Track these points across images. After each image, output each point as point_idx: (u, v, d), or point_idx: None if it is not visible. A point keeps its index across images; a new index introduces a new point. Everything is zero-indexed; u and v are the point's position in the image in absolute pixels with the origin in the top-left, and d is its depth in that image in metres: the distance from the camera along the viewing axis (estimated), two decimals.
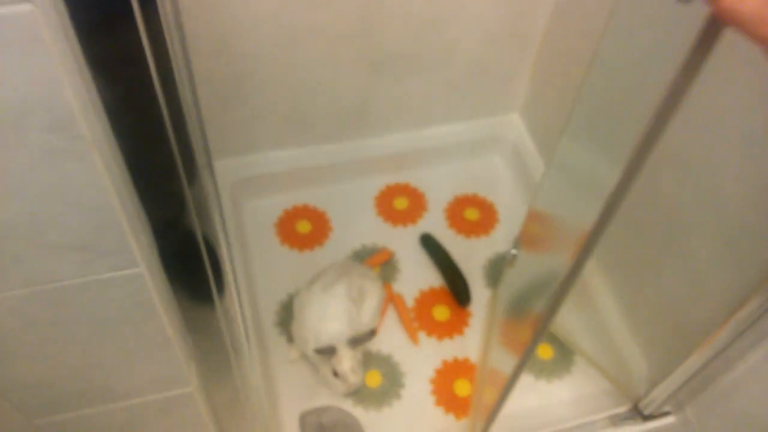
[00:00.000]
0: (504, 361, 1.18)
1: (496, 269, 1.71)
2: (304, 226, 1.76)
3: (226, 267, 0.77)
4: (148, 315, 0.76)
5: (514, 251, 1.27)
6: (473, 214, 1.82)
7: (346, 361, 1.35)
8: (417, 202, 1.83)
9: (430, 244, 1.72)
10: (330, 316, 1.41)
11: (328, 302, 1.42)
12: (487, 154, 1.93)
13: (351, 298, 1.44)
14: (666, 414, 1.37)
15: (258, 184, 1.76)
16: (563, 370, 1.56)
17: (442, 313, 1.63)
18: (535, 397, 1.52)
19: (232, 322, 0.84)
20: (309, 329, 1.41)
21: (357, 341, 1.40)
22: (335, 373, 1.36)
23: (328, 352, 1.36)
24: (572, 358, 1.58)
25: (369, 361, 1.54)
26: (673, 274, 1.29)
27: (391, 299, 1.63)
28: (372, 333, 1.44)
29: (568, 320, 1.60)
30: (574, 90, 1.68)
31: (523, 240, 1.22)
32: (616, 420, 1.39)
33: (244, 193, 1.75)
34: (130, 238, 0.64)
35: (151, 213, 0.61)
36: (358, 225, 1.77)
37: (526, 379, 1.54)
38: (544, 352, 1.58)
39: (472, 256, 1.73)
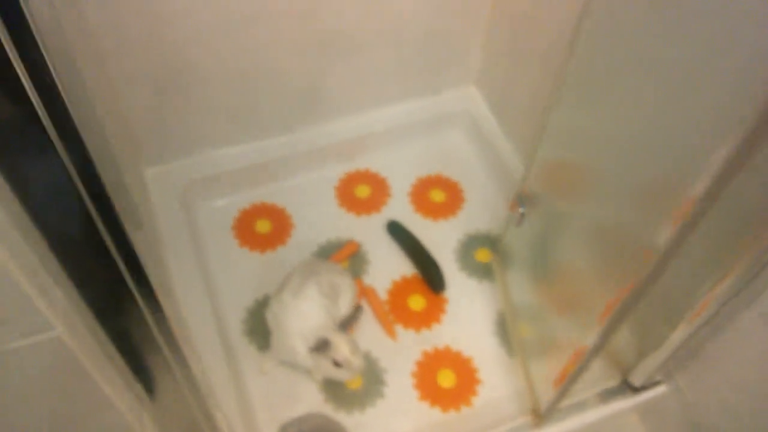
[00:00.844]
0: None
1: (468, 251, 1.65)
2: (263, 226, 1.66)
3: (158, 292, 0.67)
4: (77, 378, 0.65)
5: (521, 209, 1.28)
6: (439, 195, 1.75)
7: (344, 345, 1.29)
8: (379, 189, 1.75)
9: (397, 231, 1.65)
10: (309, 316, 1.33)
11: (301, 306, 1.33)
12: (447, 130, 1.86)
13: (324, 294, 1.36)
14: (657, 384, 1.34)
15: (210, 185, 1.65)
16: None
17: (417, 302, 1.56)
18: (519, 375, 1.47)
19: (178, 349, 0.75)
20: (293, 336, 1.32)
21: (346, 323, 1.36)
22: (336, 363, 1.30)
23: (322, 346, 1.29)
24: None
25: None
26: None
27: (364, 294, 1.55)
28: (358, 309, 1.40)
29: None
30: (529, 55, 1.62)
31: (530, 194, 1.26)
32: (607, 395, 1.35)
33: (197, 196, 1.64)
34: (37, 298, 0.53)
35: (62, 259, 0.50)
36: (320, 219, 1.68)
37: (510, 362, 1.49)
38: (526, 328, 1.53)
39: (442, 239, 1.66)
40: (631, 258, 0.90)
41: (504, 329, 1.52)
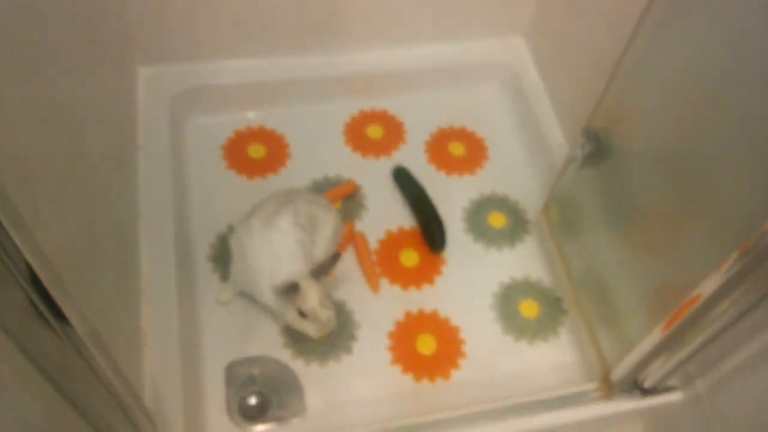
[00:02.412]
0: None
1: (480, 213, 1.45)
2: (257, 150, 1.50)
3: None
4: None
5: (586, 147, 1.12)
6: (458, 148, 1.55)
7: (313, 294, 1.10)
8: (394, 132, 1.57)
9: (403, 177, 1.46)
10: (279, 251, 1.16)
11: (272, 238, 1.16)
12: (481, 82, 1.65)
13: (299, 226, 1.19)
14: (671, 389, 1.11)
15: (206, 98, 1.50)
16: (549, 331, 1.30)
17: (410, 258, 1.37)
18: (514, 360, 1.26)
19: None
20: (257, 271, 1.16)
21: (321, 270, 1.16)
22: (302, 314, 1.12)
23: (289, 290, 1.11)
24: (561, 318, 1.32)
25: None
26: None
27: (351, 238, 1.37)
28: (336, 256, 1.21)
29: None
30: (592, 10, 1.41)
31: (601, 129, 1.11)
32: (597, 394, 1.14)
33: (190, 106, 1.49)
34: None
35: None
36: (321, 153, 1.51)
37: (503, 339, 1.29)
38: (529, 308, 1.33)
39: (452, 195, 1.47)
40: None
41: (504, 304, 1.32)
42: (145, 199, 1.27)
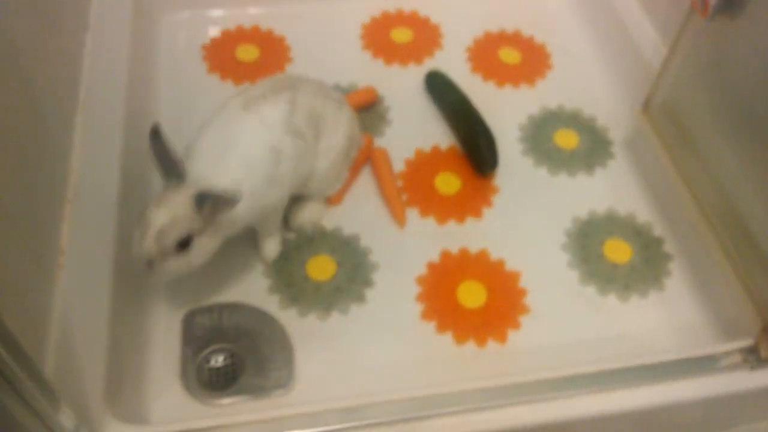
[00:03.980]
0: None
1: (543, 130, 1.07)
2: (247, 52, 1.15)
3: None
4: None
5: None
6: (511, 55, 1.19)
7: (164, 210, 0.71)
8: (426, 36, 1.21)
9: (439, 83, 1.10)
10: (241, 150, 0.78)
11: (244, 129, 0.80)
12: None
13: (293, 122, 0.83)
14: None
15: None
16: (650, 281, 0.91)
17: (448, 183, 1.00)
18: (599, 319, 0.87)
19: None
20: (199, 161, 0.78)
21: (222, 201, 0.72)
22: (140, 217, 0.74)
23: (166, 172, 0.74)
24: (666, 265, 0.93)
25: (321, 241, 0.92)
26: None
27: (369, 155, 1.01)
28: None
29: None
30: None
31: None
32: (747, 356, 0.74)
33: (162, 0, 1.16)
34: None
35: None
36: (331, 57, 1.15)
37: (581, 291, 0.90)
38: (617, 251, 0.94)
39: (504, 110, 1.09)
40: None
41: (581, 245, 0.94)
42: (89, 94, 0.93)
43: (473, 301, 0.88)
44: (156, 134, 0.74)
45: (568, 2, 1.27)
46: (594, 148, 1.06)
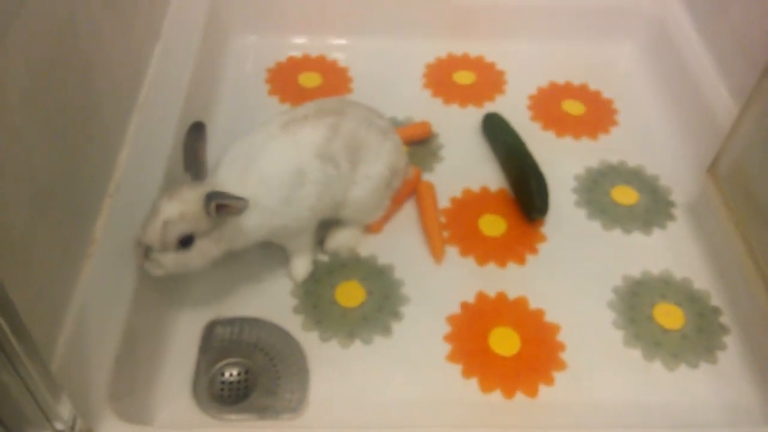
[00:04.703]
0: None
1: (600, 183, 1.03)
2: (310, 79, 1.16)
3: None
4: None
5: None
6: (575, 107, 1.15)
7: (174, 203, 0.71)
8: (489, 80, 1.19)
9: (495, 124, 1.07)
10: (266, 168, 0.77)
11: (276, 147, 0.79)
12: (613, 32, 1.26)
13: (324, 153, 0.80)
14: None
15: (259, 14, 1.20)
16: (702, 352, 0.83)
17: (494, 225, 0.96)
18: (641, 385, 0.80)
19: None
20: (223, 168, 0.78)
21: (231, 202, 0.71)
22: (151, 206, 0.73)
23: (189, 167, 0.75)
24: (721, 337, 0.85)
25: (355, 268, 0.89)
26: None
27: (415, 188, 0.98)
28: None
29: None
30: None
31: None
32: None
33: (232, 21, 1.19)
34: None
35: None
36: (391, 92, 1.15)
37: (625, 353, 0.83)
38: (669, 316, 0.87)
39: (562, 160, 1.06)
40: None
41: (629, 305, 0.87)
42: (148, 98, 0.95)
43: (506, 349, 0.83)
44: (197, 129, 0.75)
45: (640, 60, 1.23)
46: (654, 208, 1.00)
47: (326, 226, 0.89)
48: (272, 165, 0.78)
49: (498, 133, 1.06)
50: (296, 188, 0.78)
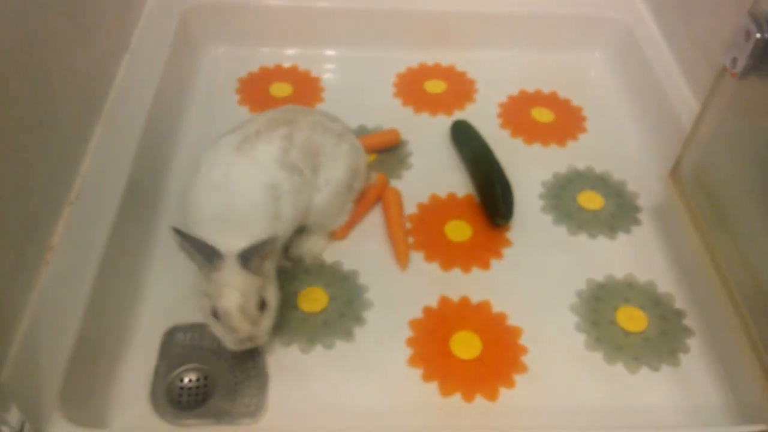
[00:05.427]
0: None
1: (567, 189, 1.03)
2: (281, 89, 1.17)
3: None
4: None
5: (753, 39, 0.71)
6: (544, 114, 1.16)
7: (231, 291, 0.70)
8: (459, 89, 1.20)
9: (464, 133, 1.08)
10: (235, 198, 0.77)
11: (236, 172, 0.79)
12: (584, 42, 1.27)
13: (286, 163, 0.81)
14: None
15: (231, 24, 1.21)
16: (664, 355, 0.83)
17: (459, 231, 0.97)
18: (603, 389, 0.80)
19: None
20: (192, 205, 0.79)
21: (262, 249, 0.71)
22: (214, 311, 0.72)
23: (207, 259, 0.71)
24: (684, 339, 0.85)
25: (318, 274, 0.90)
26: None
27: (382, 194, 0.99)
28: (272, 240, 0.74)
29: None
30: None
31: None
32: None
33: (205, 32, 1.20)
34: None
35: None
36: (362, 101, 1.16)
37: (588, 356, 0.83)
38: (631, 319, 0.87)
39: (529, 166, 1.06)
40: None
41: (593, 308, 0.87)
42: (113, 109, 0.96)
43: (467, 352, 0.82)
44: (181, 233, 0.72)
45: (609, 67, 1.25)
46: (619, 213, 1.00)
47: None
48: (247, 192, 0.78)
49: (466, 140, 1.07)
50: (275, 202, 0.79)
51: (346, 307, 0.86)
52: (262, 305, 0.73)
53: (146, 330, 0.82)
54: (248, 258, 0.71)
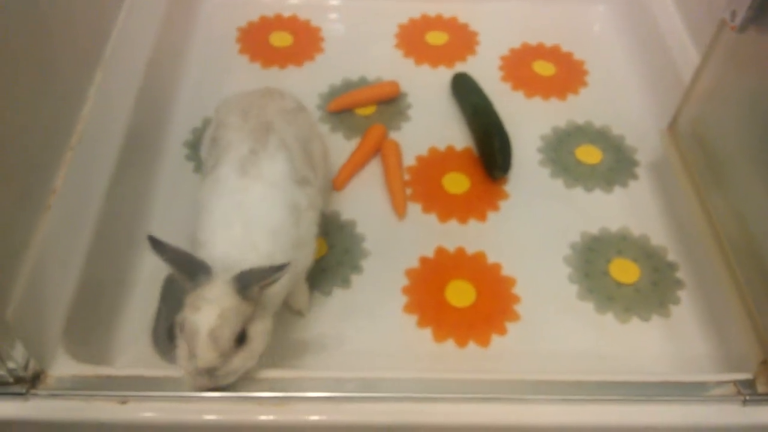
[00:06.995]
0: None
1: (565, 143, 1.03)
2: (281, 39, 1.17)
3: None
4: None
5: None
6: (546, 68, 1.16)
7: (210, 309, 0.60)
8: (462, 41, 1.19)
9: (464, 86, 1.08)
10: (253, 223, 0.68)
11: (250, 197, 0.70)
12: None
13: (296, 176, 0.74)
14: None
15: None
16: (654, 306, 0.85)
17: (456, 183, 0.97)
18: (593, 338, 0.82)
19: None
20: (219, 247, 0.68)
21: (269, 275, 0.62)
22: (181, 326, 0.63)
23: (190, 277, 0.63)
24: (675, 291, 0.87)
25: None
26: None
27: (380, 145, 0.99)
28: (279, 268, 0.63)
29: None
30: None
31: None
32: (742, 389, 0.68)
33: None
34: None
35: None
36: (362, 52, 1.16)
37: (579, 306, 0.85)
38: (624, 271, 0.88)
39: (529, 120, 1.06)
40: None
41: (586, 260, 0.89)
42: (114, 54, 0.95)
43: (460, 300, 0.84)
44: (156, 243, 0.63)
45: (613, 21, 1.23)
46: (617, 167, 1.01)
47: None
48: (266, 216, 0.69)
49: (466, 93, 1.07)
50: (298, 225, 0.71)
51: (344, 255, 0.88)
52: (242, 339, 0.62)
53: (149, 272, 0.84)
54: (247, 284, 0.61)
